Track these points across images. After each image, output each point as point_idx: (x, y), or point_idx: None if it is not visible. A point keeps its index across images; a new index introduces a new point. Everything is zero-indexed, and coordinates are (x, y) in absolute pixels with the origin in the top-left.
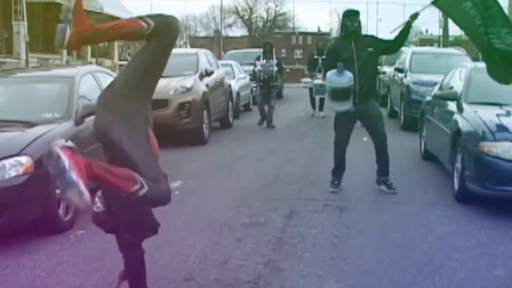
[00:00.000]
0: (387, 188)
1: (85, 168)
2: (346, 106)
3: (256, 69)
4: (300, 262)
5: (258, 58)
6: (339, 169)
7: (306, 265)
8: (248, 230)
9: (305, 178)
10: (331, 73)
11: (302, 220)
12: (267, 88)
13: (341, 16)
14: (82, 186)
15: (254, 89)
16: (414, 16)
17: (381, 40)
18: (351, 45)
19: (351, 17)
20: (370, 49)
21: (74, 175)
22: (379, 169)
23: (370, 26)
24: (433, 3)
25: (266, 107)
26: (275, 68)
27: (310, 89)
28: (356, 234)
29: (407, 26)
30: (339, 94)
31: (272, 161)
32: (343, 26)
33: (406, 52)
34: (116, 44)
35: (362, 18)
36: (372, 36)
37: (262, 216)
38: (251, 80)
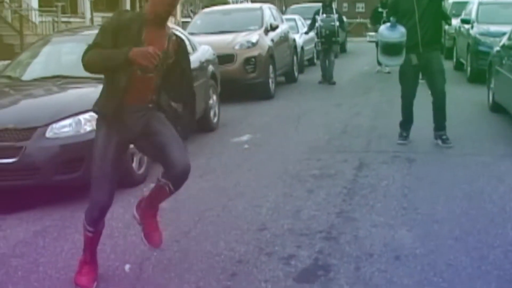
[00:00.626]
0: (442, 142)
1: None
2: (397, 61)
3: (317, 25)
4: (371, 212)
5: (317, 13)
6: (406, 121)
7: (378, 215)
8: (318, 182)
9: (372, 130)
10: (383, 27)
11: (372, 171)
12: (329, 44)
13: None
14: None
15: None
16: None
17: None
18: None
19: None
20: None
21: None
22: (436, 124)
23: None
24: None
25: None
26: (337, 23)
27: (376, 43)
28: (426, 185)
29: None
30: (390, 49)
31: (339, 114)
32: None
33: (473, 2)
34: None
35: None
36: None
37: (332, 168)
38: (306, 33)
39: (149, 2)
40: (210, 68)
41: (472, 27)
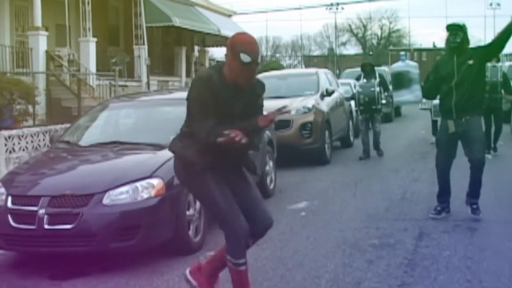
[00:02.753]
0: (472, 212)
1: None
2: (404, 96)
3: (355, 91)
4: (434, 285)
5: (357, 78)
6: (443, 193)
7: None
8: (378, 252)
9: (432, 197)
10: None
11: (433, 241)
12: (369, 112)
13: None
14: None
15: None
16: None
17: (479, 47)
18: (453, 60)
19: (453, 31)
20: (470, 61)
21: None
22: (470, 190)
23: (487, 39)
24: None
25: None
26: (377, 89)
27: (430, 110)
28: (490, 255)
29: (508, 28)
30: (395, 80)
31: (397, 180)
32: (446, 41)
33: None
34: None
35: (478, 31)
36: (475, 48)
37: (391, 237)
38: (347, 100)
39: (227, 70)
40: (267, 134)
41: None
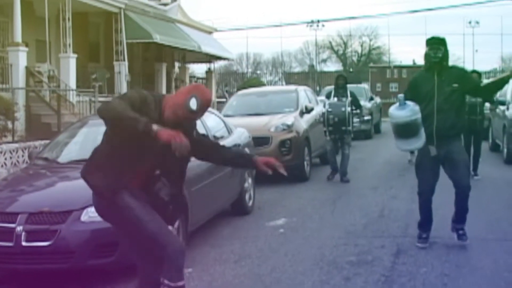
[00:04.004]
0: (458, 238)
1: None
2: (415, 144)
3: (324, 110)
4: None
5: (328, 96)
6: (426, 222)
7: None
8: (356, 269)
9: (410, 214)
10: (392, 108)
11: (410, 258)
12: (339, 133)
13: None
14: None
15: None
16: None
17: (469, 77)
18: (434, 78)
19: (434, 45)
20: (455, 85)
21: None
22: (456, 215)
23: (466, 57)
24: None
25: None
26: (348, 109)
27: None
28: (467, 272)
29: (503, 80)
30: (401, 130)
31: (375, 197)
32: (426, 56)
33: (509, 83)
34: (214, 81)
35: (457, 49)
36: (460, 69)
37: (369, 254)
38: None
39: (169, 107)
40: (246, 151)
41: (507, 109)
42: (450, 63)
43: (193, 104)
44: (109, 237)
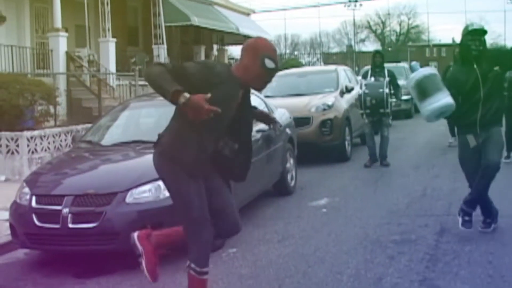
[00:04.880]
0: (462, 223)
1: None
2: (442, 100)
3: (360, 91)
4: (456, 280)
5: (364, 76)
6: (482, 207)
7: (463, 283)
8: (400, 247)
9: (453, 193)
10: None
11: (454, 236)
12: (377, 116)
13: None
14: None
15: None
16: None
17: (506, 52)
18: (474, 69)
19: (476, 37)
20: (496, 68)
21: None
22: (470, 197)
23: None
24: None
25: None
26: (386, 90)
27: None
28: (511, 251)
29: None
30: (423, 87)
31: (417, 176)
32: (464, 47)
33: None
34: None
35: (498, 26)
36: (494, 50)
37: (413, 233)
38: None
39: (241, 70)
40: (287, 131)
41: None
42: (490, 40)
43: (269, 63)
44: (153, 218)
